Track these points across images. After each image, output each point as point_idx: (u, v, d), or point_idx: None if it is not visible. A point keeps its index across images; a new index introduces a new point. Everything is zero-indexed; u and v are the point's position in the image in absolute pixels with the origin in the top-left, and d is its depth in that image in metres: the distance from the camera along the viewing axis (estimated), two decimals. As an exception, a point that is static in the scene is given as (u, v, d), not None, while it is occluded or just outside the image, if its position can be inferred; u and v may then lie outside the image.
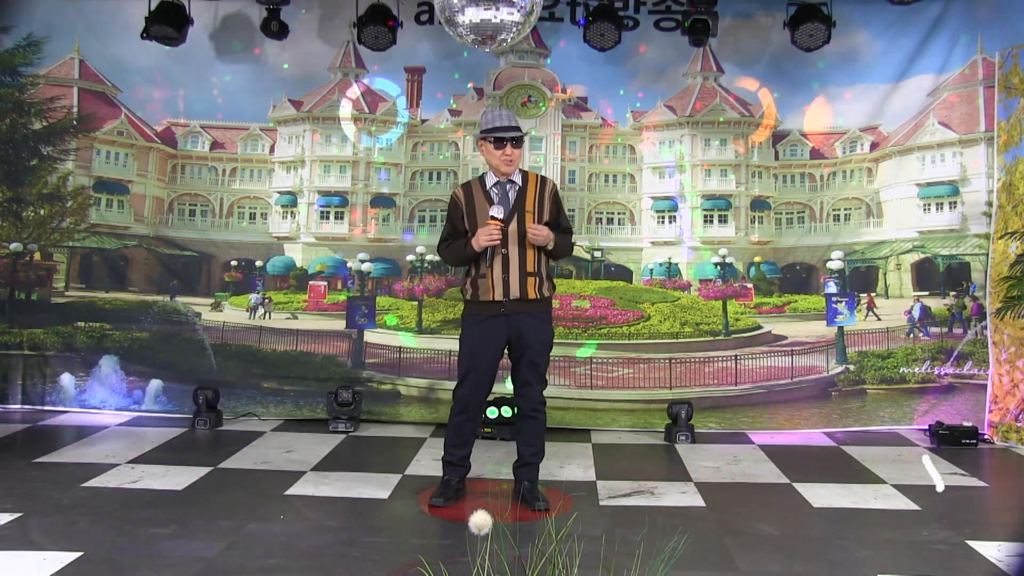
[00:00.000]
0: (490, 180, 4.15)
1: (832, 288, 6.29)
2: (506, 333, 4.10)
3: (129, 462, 4.89)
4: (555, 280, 4.30)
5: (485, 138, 4.06)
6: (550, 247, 4.07)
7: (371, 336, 6.42)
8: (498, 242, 3.98)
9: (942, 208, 6.18)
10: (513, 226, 4.05)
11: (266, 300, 6.49)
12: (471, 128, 6.46)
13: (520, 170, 4.19)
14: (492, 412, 5.64)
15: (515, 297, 4.06)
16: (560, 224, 4.18)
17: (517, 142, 4.03)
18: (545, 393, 4.25)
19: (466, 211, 4.13)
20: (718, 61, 6.34)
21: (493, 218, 3.97)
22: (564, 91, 6.42)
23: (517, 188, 4.12)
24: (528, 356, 4.12)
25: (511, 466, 4.36)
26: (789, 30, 5.79)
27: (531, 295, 4.07)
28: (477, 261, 4.10)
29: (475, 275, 4.12)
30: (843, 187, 6.40)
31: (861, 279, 6.34)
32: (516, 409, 4.37)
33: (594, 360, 6.26)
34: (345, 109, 6.43)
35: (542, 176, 4.23)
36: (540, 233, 3.99)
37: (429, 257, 6.43)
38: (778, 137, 6.41)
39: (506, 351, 4.20)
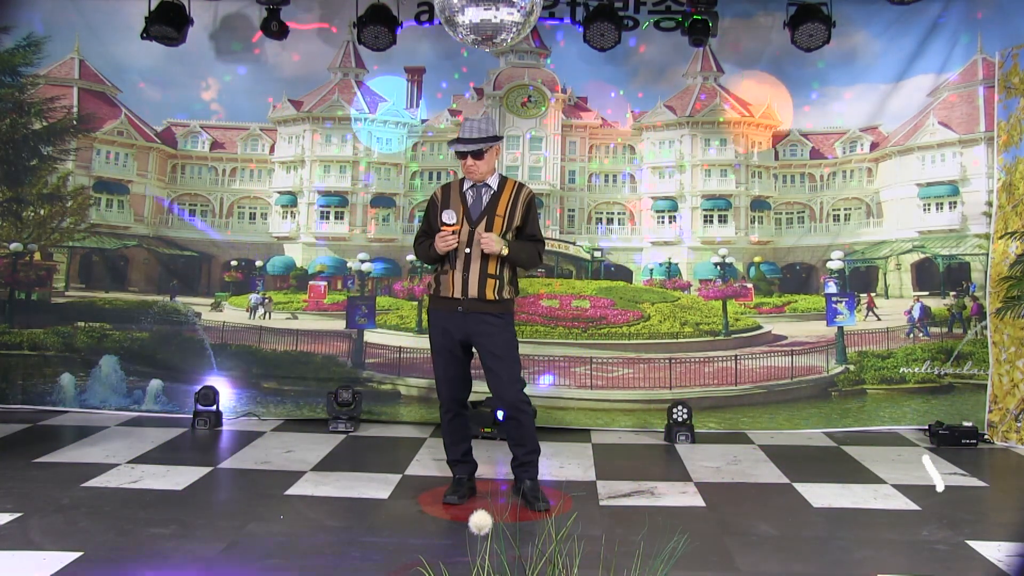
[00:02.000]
0: (467, 183, 4.21)
1: (832, 288, 6.29)
2: (464, 331, 4.14)
3: (129, 462, 4.89)
4: (555, 280, 4.31)
5: (450, 147, 4.20)
6: (504, 253, 4.06)
7: (371, 336, 6.42)
8: (453, 247, 4.05)
9: (942, 208, 6.18)
10: (480, 228, 4.11)
11: (266, 300, 6.50)
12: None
13: (500, 175, 4.25)
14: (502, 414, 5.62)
15: (472, 296, 4.10)
16: (527, 231, 4.21)
17: (477, 154, 4.07)
18: (545, 393, 4.26)
19: (441, 211, 4.18)
20: (718, 61, 6.34)
21: (445, 224, 4.05)
22: (564, 91, 6.42)
23: (491, 193, 4.18)
24: (494, 355, 4.13)
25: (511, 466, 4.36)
26: (789, 30, 5.79)
27: (489, 296, 4.10)
28: (443, 256, 4.15)
29: (439, 270, 4.21)
30: (843, 187, 6.40)
31: (861, 279, 6.34)
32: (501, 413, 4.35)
33: (594, 360, 6.26)
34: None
35: (520, 183, 4.28)
36: (489, 241, 4.02)
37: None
38: (778, 137, 6.41)
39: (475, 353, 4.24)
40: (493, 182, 4.19)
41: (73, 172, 6.40)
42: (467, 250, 4.10)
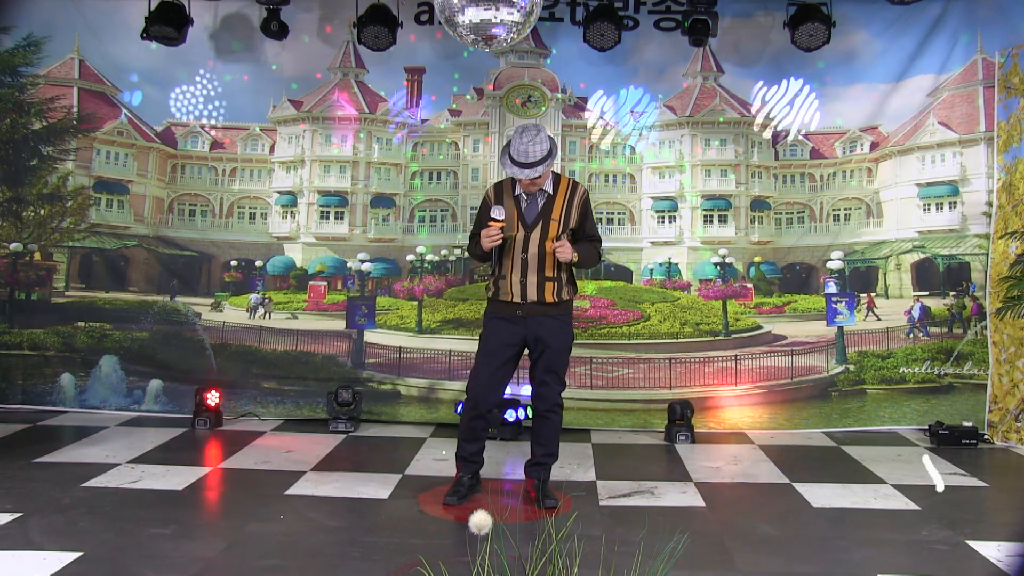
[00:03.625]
0: (520, 185, 4.15)
1: (832, 288, 6.29)
2: (523, 335, 4.14)
3: (129, 462, 4.89)
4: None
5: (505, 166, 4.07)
6: (575, 259, 4.08)
7: (371, 336, 6.42)
8: (499, 243, 4.02)
9: (942, 208, 6.18)
10: (536, 232, 4.09)
11: (266, 300, 6.50)
12: (471, 128, 6.46)
13: (553, 174, 4.19)
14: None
15: (532, 300, 4.10)
16: (585, 231, 4.19)
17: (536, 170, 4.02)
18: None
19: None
20: (718, 61, 6.34)
21: (493, 220, 4.02)
22: (564, 91, 6.42)
23: (546, 195, 4.14)
24: (545, 356, 4.15)
25: (515, 466, 4.37)
26: (789, 30, 5.79)
27: (548, 299, 4.11)
28: (501, 261, 4.13)
29: (497, 275, 4.17)
30: (843, 187, 6.40)
31: (861, 279, 6.34)
32: (532, 410, 4.36)
33: (594, 360, 6.26)
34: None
35: (574, 182, 4.23)
36: (565, 251, 4.01)
37: (429, 257, 6.43)
38: (778, 137, 6.41)
39: (526, 352, 4.23)
40: (547, 185, 4.14)
41: (73, 172, 6.40)
42: (523, 255, 4.08)
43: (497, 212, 4.03)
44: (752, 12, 6.21)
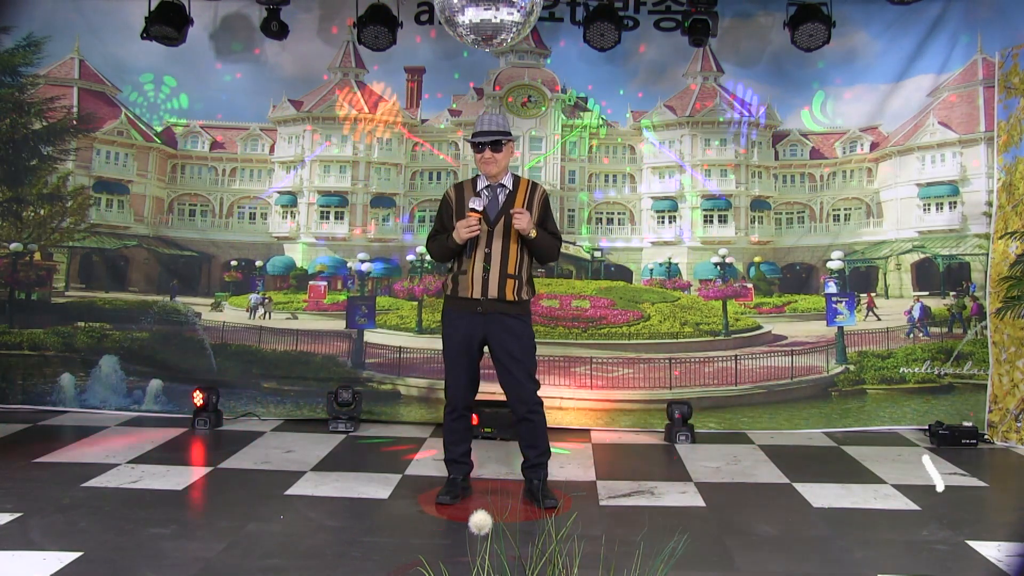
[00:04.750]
0: (481, 182, 4.21)
1: (832, 288, 6.29)
2: (482, 332, 4.14)
3: (129, 462, 4.89)
4: (555, 280, 4.30)
5: (469, 140, 4.17)
6: (532, 235, 4.06)
7: (371, 336, 6.42)
8: (477, 233, 4.03)
9: (942, 208, 6.18)
10: (499, 227, 4.11)
11: (266, 300, 6.50)
12: (471, 128, 6.45)
13: (513, 175, 4.25)
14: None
15: (492, 297, 4.10)
16: (547, 229, 4.21)
17: (496, 146, 4.07)
18: (545, 393, 4.26)
19: (455, 209, 4.19)
20: (718, 61, 6.34)
21: (473, 210, 4.03)
22: (564, 91, 6.42)
23: (507, 192, 4.18)
24: (512, 355, 4.13)
25: (514, 466, 4.36)
26: (789, 30, 5.79)
27: (509, 296, 4.11)
28: (460, 257, 4.14)
29: (456, 271, 4.18)
30: (843, 187, 6.41)
31: (861, 279, 6.34)
32: (513, 413, 4.31)
33: (594, 360, 6.26)
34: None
35: (533, 182, 4.29)
36: (523, 216, 4.00)
37: (429, 257, 6.43)
38: (778, 137, 6.41)
39: (488, 352, 4.22)
40: (508, 181, 4.19)
41: (73, 172, 6.40)
42: (486, 250, 4.09)
43: (476, 203, 4.05)
44: (752, 12, 6.21)
